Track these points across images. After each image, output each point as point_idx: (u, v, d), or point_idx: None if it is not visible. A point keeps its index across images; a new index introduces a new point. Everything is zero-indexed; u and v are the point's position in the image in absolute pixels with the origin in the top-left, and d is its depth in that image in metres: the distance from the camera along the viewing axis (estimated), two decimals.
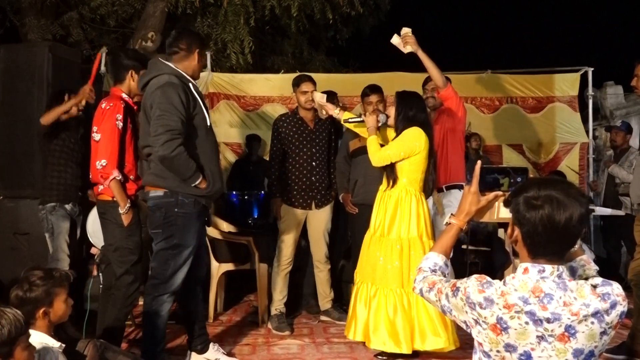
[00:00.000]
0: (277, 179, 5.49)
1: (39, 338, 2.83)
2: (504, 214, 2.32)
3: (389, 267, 4.46)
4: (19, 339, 2.42)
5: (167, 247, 3.99)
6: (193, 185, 3.93)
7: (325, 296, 5.67)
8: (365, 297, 4.60)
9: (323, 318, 5.66)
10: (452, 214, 2.49)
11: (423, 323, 4.39)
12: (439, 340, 4.38)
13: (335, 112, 5.09)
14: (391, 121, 4.67)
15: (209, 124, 4.09)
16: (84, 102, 4.88)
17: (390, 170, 4.58)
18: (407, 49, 5.00)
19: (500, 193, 2.43)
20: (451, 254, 2.48)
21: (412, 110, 4.55)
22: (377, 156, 4.56)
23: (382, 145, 4.67)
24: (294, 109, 5.68)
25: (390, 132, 4.79)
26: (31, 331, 2.78)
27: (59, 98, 5.20)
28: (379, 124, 4.71)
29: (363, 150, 5.35)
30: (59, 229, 5.13)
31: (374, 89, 5.59)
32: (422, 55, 4.97)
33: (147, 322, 4.12)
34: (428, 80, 5.40)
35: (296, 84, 5.48)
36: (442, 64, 5.11)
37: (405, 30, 5.02)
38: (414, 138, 4.47)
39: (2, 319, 2.39)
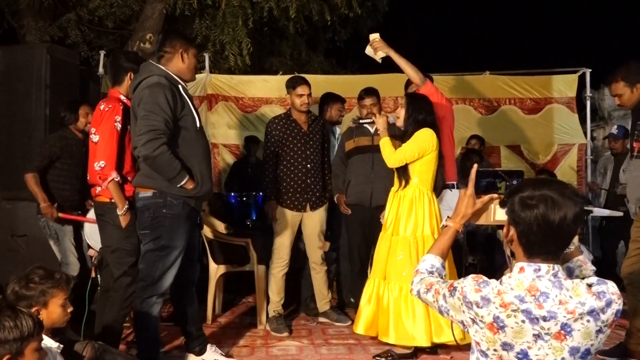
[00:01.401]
0: (271, 181, 5.45)
1: None
2: (500, 216, 2.37)
3: (407, 266, 4.49)
4: (29, 340, 2.43)
5: (154, 248, 3.97)
6: (179, 185, 3.92)
7: (322, 297, 5.66)
8: (372, 292, 4.68)
9: (321, 319, 5.65)
10: (448, 217, 2.54)
11: (438, 316, 4.41)
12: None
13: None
14: (400, 122, 4.74)
15: (198, 125, 4.07)
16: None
17: (402, 171, 4.66)
18: (379, 55, 5.01)
19: (495, 195, 2.48)
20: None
21: (422, 114, 4.63)
22: (393, 158, 4.63)
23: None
24: (287, 110, 5.64)
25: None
26: None
27: (74, 108, 5.20)
28: (388, 125, 4.79)
29: (357, 151, 5.39)
30: (62, 232, 5.15)
31: (368, 92, 5.64)
32: (394, 56, 4.97)
33: (139, 325, 4.12)
34: (410, 82, 5.39)
35: (292, 86, 5.46)
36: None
37: (373, 37, 5.03)
38: (427, 139, 4.57)
39: (17, 319, 2.41)
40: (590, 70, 7.78)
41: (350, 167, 5.56)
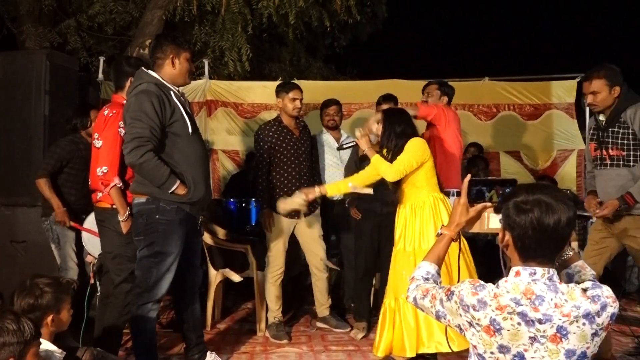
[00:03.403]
0: (264, 189, 5.36)
1: (42, 345, 2.81)
2: (494, 224, 2.44)
3: None
4: (31, 344, 2.49)
5: (149, 254, 3.95)
6: (170, 191, 3.90)
7: (322, 303, 5.62)
8: (386, 313, 4.56)
9: (320, 325, 5.62)
10: (443, 225, 2.60)
11: (427, 326, 4.32)
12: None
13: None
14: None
15: (190, 130, 4.02)
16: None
17: (394, 189, 4.65)
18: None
19: (488, 204, 2.52)
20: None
21: (400, 126, 4.59)
22: (392, 171, 4.51)
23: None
24: (277, 116, 5.55)
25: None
26: None
27: (85, 112, 5.19)
28: (373, 144, 4.75)
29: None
30: (64, 237, 5.13)
31: (386, 98, 5.64)
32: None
33: (136, 332, 4.11)
34: (428, 84, 5.54)
35: (285, 90, 5.39)
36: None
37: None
38: (420, 147, 4.52)
39: (19, 323, 2.47)
40: None
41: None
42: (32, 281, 3.01)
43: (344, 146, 5.21)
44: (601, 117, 4.42)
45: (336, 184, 5.08)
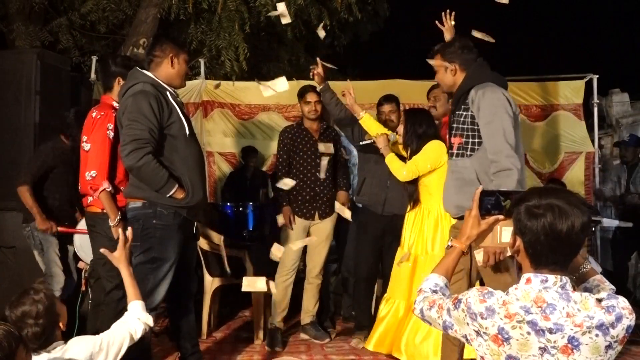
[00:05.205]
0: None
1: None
2: (506, 238, 2.39)
3: None
4: (18, 349, 2.33)
5: (145, 260, 3.85)
6: (168, 195, 3.81)
7: (307, 311, 5.55)
8: (389, 311, 4.71)
9: (302, 336, 5.53)
10: (453, 238, 2.56)
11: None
12: None
13: (360, 113, 5.08)
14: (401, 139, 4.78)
15: (187, 132, 3.96)
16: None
17: (412, 190, 4.71)
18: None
19: (501, 217, 2.45)
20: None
21: (422, 127, 4.69)
22: (406, 170, 4.62)
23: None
24: (299, 120, 5.65)
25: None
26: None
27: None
28: (390, 143, 4.82)
29: (377, 150, 5.09)
30: (47, 243, 5.05)
31: (387, 98, 5.58)
32: None
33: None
34: (433, 88, 5.31)
35: (300, 94, 5.49)
36: None
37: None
38: (437, 150, 4.57)
39: None
40: (597, 76, 7.62)
41: (367, 163, 5.43)
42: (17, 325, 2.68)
43: (361, 144, 5.21)
44: None
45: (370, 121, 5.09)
